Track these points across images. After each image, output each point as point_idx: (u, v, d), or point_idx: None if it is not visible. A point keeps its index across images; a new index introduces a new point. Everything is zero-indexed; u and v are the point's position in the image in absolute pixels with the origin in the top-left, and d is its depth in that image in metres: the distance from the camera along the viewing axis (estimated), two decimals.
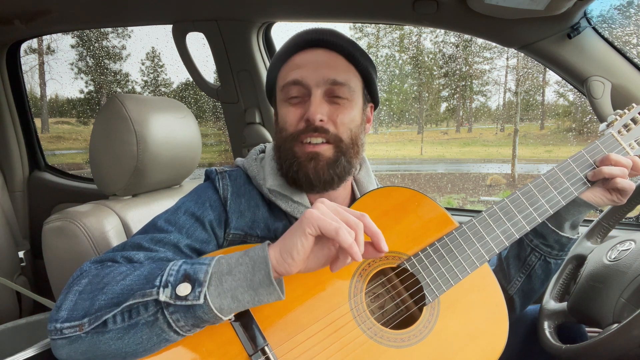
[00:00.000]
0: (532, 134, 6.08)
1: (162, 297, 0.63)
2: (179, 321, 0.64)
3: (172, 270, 0.66)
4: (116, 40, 5.88)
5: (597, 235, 1.09)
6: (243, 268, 0.65)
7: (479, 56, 6.12)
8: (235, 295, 0.64)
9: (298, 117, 0.86)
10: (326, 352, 0.73)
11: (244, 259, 0.66)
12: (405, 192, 0.88)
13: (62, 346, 0.68)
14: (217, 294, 0.64)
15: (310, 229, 0.63)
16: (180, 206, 0.87)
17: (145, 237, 0.81)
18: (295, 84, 0.86)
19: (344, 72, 0.87)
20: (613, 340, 0.77)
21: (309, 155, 0.85)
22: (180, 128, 1.33)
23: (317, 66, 0.86)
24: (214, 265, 0.66)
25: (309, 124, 0.84)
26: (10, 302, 1.83)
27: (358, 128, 0.89)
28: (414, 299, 0.83)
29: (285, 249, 0.64)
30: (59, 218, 1.12)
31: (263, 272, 0.64)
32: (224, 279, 0.64)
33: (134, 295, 0.65)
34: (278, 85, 0.91)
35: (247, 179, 0.93)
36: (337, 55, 0.88)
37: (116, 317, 0.65)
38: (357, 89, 0.90)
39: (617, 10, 3.45)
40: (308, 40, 0.89)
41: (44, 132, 6.13)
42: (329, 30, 0.90)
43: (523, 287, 1.01)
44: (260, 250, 0.66)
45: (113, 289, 0.67)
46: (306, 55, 0.88)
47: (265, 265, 0.64)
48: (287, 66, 0.90)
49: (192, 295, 0.63)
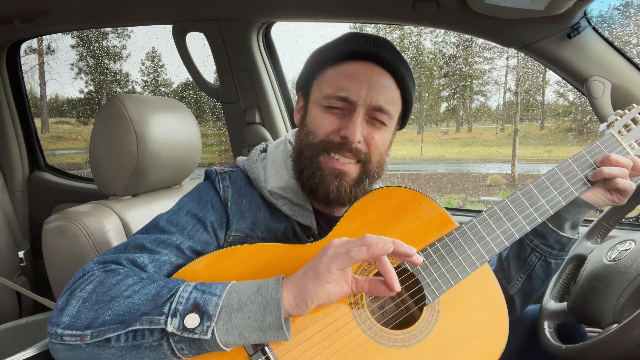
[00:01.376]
0: (532, 134, 6.08)
1: (169, 328, 0.63)
2: (183, 350, 0.64)
3: (182, 298, 0.65)
4: (116, 41, 5.88)
5: (597, 235, 1.09)
6: (254, 307, 0.64)
7: (479, 56, 6.12)
8: (242, 333, 0.64)
9: (334, 128, 0.84)
10: (326, 352, 0.73)
11: (256, 298, 0.65)
12: (406, 192, 0.88)
13: (61, 350, 0.68)
14: (224, 330, 0.63)
15: (327, 277, 0.64)
16: (182, 207, 0.87)
17: (148, 237, 0.80)
18: (342, 100, 0.83)
19: (391, 99, 0.85)
20: (613, 340, 0.77)
21: (334, 171, 0.84)
22: (180, 128, 1.33)
23: (369, 86, 0.83)
24: (225, 297, 0.65)
25: (345, 141, 0.82)
26: (10, 302, 1.83)
27: (386, 152, 0.89)
28: (414, 299, 0.83)
29: (301, 296, 0.65)
30: (59, 218, 1.12)
31: (274, 316, 0.64)
32: (234, 316, 0.64)
33: (140, 319, 0.64)
34: (319, 86, 0.87)
35: (248, 181, 0.92)
36: (389, 77, 0.85)
37: (120, 337, 0.65)
38: (396, 115, 0.89)
39: (617, 10, 3.45)
40: (367, 53, 0.84)
41: (44, 132, 6.13)
42: (388, 45, 0.87)
43: (523, 287, 1.01)
44: (274, 291, 0.65)
45: (119, 306, 0.67)
46: (360, 67, 0.84)
47: (277, 309, 0.64)
48: (337, 72, 0.85)
49: (200, 329, 0.63)
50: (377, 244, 0.65)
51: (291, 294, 0.65)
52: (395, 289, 0.67)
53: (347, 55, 0.85)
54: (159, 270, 0.78)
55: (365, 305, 0.78)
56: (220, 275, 0.76)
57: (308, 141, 0.86)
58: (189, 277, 0.76)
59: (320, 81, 0.88)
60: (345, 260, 0.64)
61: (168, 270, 0.78)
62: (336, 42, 0.88)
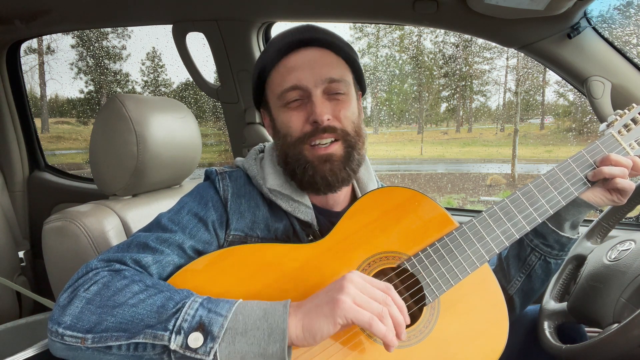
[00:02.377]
0: (532, 134, 6.08)
1: (172, 346, 0.62)
2: None
3: (188, 315, 0.64)
4: (116, 41, 5.89)
5: (597, 235, 1.09)
6: (259, 333, 0.63)
7: (479, 56, 6.12)
8: (244, 358, 0.63)
9: (302, 120, 0.85)
10: (326, 352, 0.73)
11: (262, 324, 0.64)
12: (406, 192, 0.88)
13: (60, 349, 0.68)
14: (226, 353, 0.63)
15: (341, 320, 0.63)
16: (184, 206, 0.87)
17: (151, 235, 0.80)
18: (294, 88, 0.85)
19: (338, 68, 0.87)
20: (613, 340, 0.77)
21: (322, 157, 0.85)
22: (180, 128, 1.33)
23: (312, 66, 0.85)
24: (231, 319, 0.64)
25: (316, 125, 0.84)
26: (10, 302, 1.83)
27: (358, 119, 0.90)
28: (414, 299, 0.83)
29: (309, 330, 0.63)
30: (59, 218, 1.12)
31: (278, 346, 0.63)
32: (237, 340, 0.63)
33: (144, 332, 0.64)
34: (271, 92, 0.89)
35: (248, 180, 0.93)
36: (326, 52, 0.88)
37: (122, 346, 0.65)
38: (351, 81, 0.90)
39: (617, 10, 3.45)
40: (294, 42, 0.86)
41: (44, 132, 6.13)
42: (311, 27, 0.89)
43: (523, 287, 1.01)
44: (281, 320, 0.64)
45: (123, 314, 0.66)
46: (296, 57, 0.86)
47: (282, 339, 0.63)
48: (279, 71, 0.87)
49: (203, 350, 0.62)
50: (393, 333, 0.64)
51: (300, 325, 0.64)
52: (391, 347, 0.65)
53: (279, 54, 0.87)
54: (162, 272, 0.78)
55: None
56: (220, 275, 0.76)
57: (287, 143, 0.87)
58: (189, 278, 0.76)
59: (270, 87, 0.90)
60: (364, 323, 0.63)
61: (171, 271, 0.79)
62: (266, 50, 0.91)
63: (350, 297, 0.64)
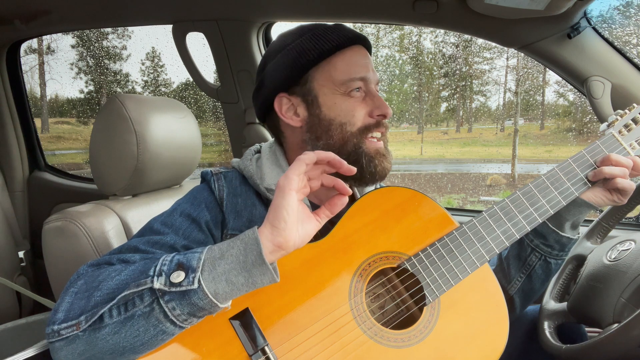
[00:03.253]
0: (532, 134, 6.08)
1: (156, 285, 0.64)
2: (174, 309, 0.64)
3: (166, 260, 0.67)
4: (116, 41, 5.88)
5: (597, 235, 1.09)
6: (235, 251, 0.65)
7: (479, 56, 6.12)
8: (229, 278, 0.64)
9: (365, 112, 0.90)
10: (326, 352, 0.73)
11: (235, 243, 0.66)
12: (406, 192, 0.88)
13: (60, 348, 0.67)
14: (211, 279, 0.64)
15: (287, 186, 0.66)
16: (176, 208, 0.87)
17: (142, 239, 0.81)
18: (362, 80, 0.89)
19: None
20: (613, 340, 0.78)
21: (378, 151, 0.90)
22: (180, 128, 1.33)
23: (369, 64, 0.91)
24: (206, 252, 0.66)
25: (381, 118, 0.90)
26: (10, 302, 1.83)
27: None
28: (414, 299, 0.83)
29: (275, 217, 0.66)
30: (59, 218, 1.12)
31: (255, 252, 0.64)
32: (217, 263, 0.65)
33: (128, 286, 0.65)
34: (331, 76, 0.89)
35: (243, 180, 0.93)
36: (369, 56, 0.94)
37: (112, 310, 0.65)
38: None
39: (617, 10, 3.44)
40: (356, 37, 0.92)
41: (44, 132, 6.12)
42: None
43: (523, 287, 1.01)
44: (251, 232, 0.67)
45: (108, 285, 0.68)
46: (357, 51, 0.91)
47: (256, 245, 0.65)
48: (344, 58, 0.90)
49: (186, 281, 0.63)
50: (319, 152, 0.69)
51: (267, 223, 0.67)
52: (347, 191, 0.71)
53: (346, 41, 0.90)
54: None
55: (366, 305, 0.78)
56: None
57: (346, 131, 0.89)
58: None
59: (326, 72, 0.90)
60: (298, 164, 0.67)
61: None
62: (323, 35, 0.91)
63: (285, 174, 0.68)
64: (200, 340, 0.71)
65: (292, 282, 0.77)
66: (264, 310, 0.74)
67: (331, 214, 0.73)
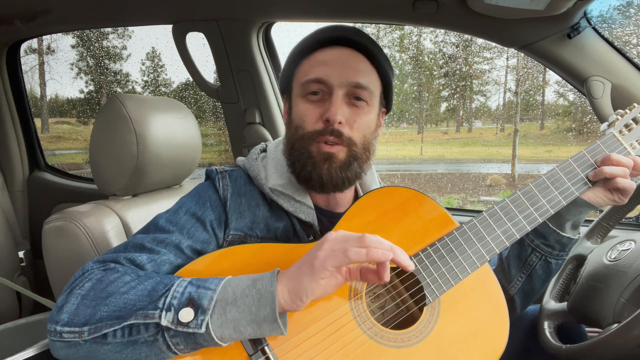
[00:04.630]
0: (532, 134, 6.08)
1: (163, 322, 0.63)
2: (178, 345, 0.64)
3: (177, 292, 0.66)
4: (117, 41, 5.88)
5: (597, 235, 1.09)
6: (249, 300, 0.64)
7: (479, 56, 6.12)
8: (237, 327, 0.64)
9: (317, 115, 0.84)
10: (326, 352, 0.73)
11: (251, 291, 0.65)
12: (406, 192, 0.88)
13: (60, 348, 0.68)
14: (219, 324, 0.63)
15: (321, 271, 0.64)
16: (182, 206, 0.87)
17: (147, 237, 0.80)
18: (318, 82, 0.84)
19: (367, 75, 0.86)
20: (613, 340, 0.78)
21: (324, 155, 0.84)
22: (180, 128, 1.33)
23: (342, 66, 0.84)
24: (220, 292, 0.65)
25: (327, 124, 0.83)
26: (10, 302, 1.83)
27: (372, 134, 0.89)
28: (415, 299, 0.83)
29: (295, 292, 0.64)
30: (59, 218, 1.12)
31: (269, 309, 0.64)
32: (228, 309, 0.64)
33: (136, 314, 0.65)
34: (297, 79, 0.89)
35: (248, 179, 0.92)
36: (361, 56, 0.87)
37: (116, 332, 0.65)
38: (377, 93, 0.89)
39: (617, 10, 3.44)
40: (333, 38, 0.86)
41: (44, 132, 6.12)
42: (354, 28, 0.89)
43: (523, 287, 1.01)
44: (269, 284, 0.65)
45: (116, 302, 0.67)
46: (331, 52, 0.86)
47: (271, 302, 0.64)
48: (309, 62, 0.87)
49: (194, 323, 0.63)
50: (377, 250, 0.64)
51: (286, 289, 0.65)
52: (385, 278, 0.67)
53: (316, 44, 0.87)
54: (157, 270, 0.78)
55: (366, 305, 0.78)
56: (221, 275, 0.76)
57: (297, 135, 0.86)
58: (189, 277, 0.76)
59: (297, 75, 0.89)
60: (342, 259, 0.64)
61: (167, 270, 0.78)
62: (305, 38, 0.90)
63: (325, 251, 0.65)
64: None
65: None
66: None
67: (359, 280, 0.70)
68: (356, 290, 0.79)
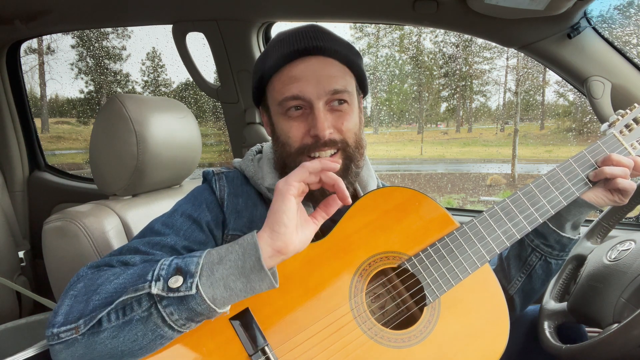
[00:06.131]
0: (532, 134, 6.08)
1: (154, 290, 0.64)
2: (172, 314, 0.64)
3: (164, 265, 0.67)
4: (116, 41, 5.88)
5: (597, 235, 1.09)
6: (233, 256, 0.65)
7: (479, 56, 6.12)
8: (227, 283, 0.64)
9: (302, 131, 0.84)
10: (326, 352, 0.73)
11: (234, 247, 0.66)
12: (406, 192, 0.88)
13: (59, 351, 0.67)
14: (209, 284, 0.64)
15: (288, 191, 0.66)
16: (177, 209, 0.87)
17: (142, 240, 0.80)
18: (295, 99, 0.83)
19: (341, 77, 0.85)
20: (613, 340, 0.78)
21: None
22: (180, 128, 1.33)
23: (315, 77, 0.83)
24: (205, 256, 0.66)
25: (317, 139, 0.82)
26: (10, 302, 1.83)
27: (359, 129, 0.89)
28: (415, 299, 0.83)
29: (275, 221, 0.66)
30: (59, 218, 1.12)
31: (254, 258, 0.64)
32: (215, 268, 0.65)
33: (126, 291, 0.65)
34: (272, 97, 0.88)
35: (245, 180, 0.93)
36: (329, 60, 0.85)
37: (110, 314, 0.65)
38: (353, 89, 0.89)
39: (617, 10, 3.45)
40: (299, 50, 0.84)
41: (44, 132, 6.13)
42: (315, 33, 0.86)
43: (523, 287, 1.01)
44: (250, 236, 0.66)
45: (106, 289, 0.68)
46: (298, 66, 0.84)
47: (255, 251, 0.64)
48: (280, 79, 0.85)
49: (184, 287, 0.63)
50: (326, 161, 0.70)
51: (267, 228, 0.67)
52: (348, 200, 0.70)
53: (283, 60, 0.85)
54: None
55: (366, 306, 0.78)
56: None
57: (286, 152, 0.86)
58: None
59: (271, 93, 0.88)
60: (301, 172, 0.67)
61: None
62: (268, 51, 0.89)
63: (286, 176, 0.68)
64: (200, 340, 0.71)
65: (293, 282, 0.77)
66: (264, 310, 0.74)
67: (327, 215, 0.73)
68: (356, 290, 0.79)
